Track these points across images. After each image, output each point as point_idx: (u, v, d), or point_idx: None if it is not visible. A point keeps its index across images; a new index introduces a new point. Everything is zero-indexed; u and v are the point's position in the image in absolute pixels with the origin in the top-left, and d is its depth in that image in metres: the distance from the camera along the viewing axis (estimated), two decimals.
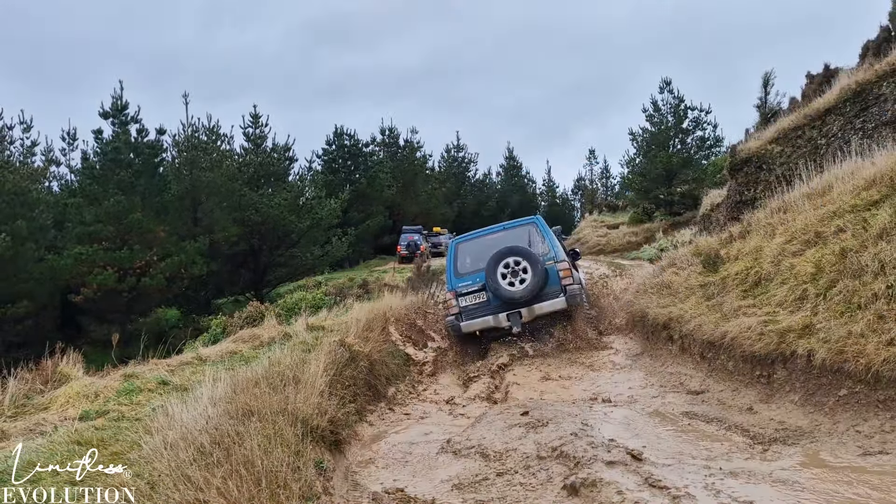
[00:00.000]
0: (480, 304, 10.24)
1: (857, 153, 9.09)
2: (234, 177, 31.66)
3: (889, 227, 6.19)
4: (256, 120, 33.87)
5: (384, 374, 8.25)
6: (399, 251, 38.48)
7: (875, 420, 4.74)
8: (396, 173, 46.86)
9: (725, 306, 7.23)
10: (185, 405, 5.07)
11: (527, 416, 6.06)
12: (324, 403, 5.11)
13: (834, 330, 5.38)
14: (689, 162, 42.12)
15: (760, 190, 14.41)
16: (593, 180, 70.25)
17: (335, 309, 14.24)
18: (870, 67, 13.13)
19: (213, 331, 17.96)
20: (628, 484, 4.10)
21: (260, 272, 33.24)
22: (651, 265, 20.49)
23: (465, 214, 53.47)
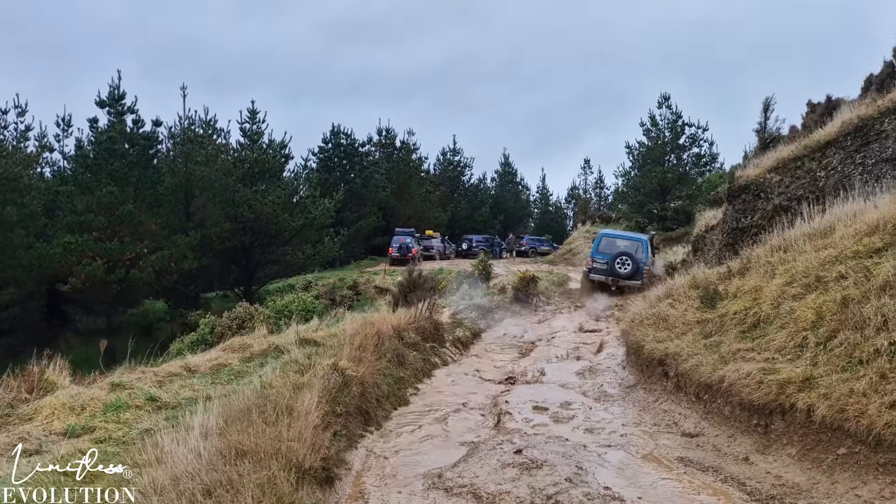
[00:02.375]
0: (602, 269, 19.77)
1: (859, 194, 9.05)
2: (229, 172, 31.50)
3: (892, 279, 6.15)
4: (254, 115, 33.71)
5: (376, 395, 8.16)
6: (391, 253, 38.32)
7: (875, 484, 4.69)
8: (392, 175, 46.77)
9: (723, 347, 7.18)
10: (175, 433, 4.97)
11: (520, 455, 5.98)
12: (318, 440, 5.02)
13: (835, 386, 5.33)
14: (684, 178, 42.27)
15: (757, 218, 14.42)
16: (587, 190, 70.37)
17: (326, 318, 14.13)
18: (872, 103, 13.15)
19: (202, 330, 17.78)
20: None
21: (250, 269, 33.07)
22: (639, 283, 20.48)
23: (459, 219, 53.43)
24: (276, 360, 8.93)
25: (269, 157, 33.60)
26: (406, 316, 11.60)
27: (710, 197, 39.14)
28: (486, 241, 46.69)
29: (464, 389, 9.80)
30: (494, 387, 9.89)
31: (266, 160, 33.28)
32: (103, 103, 27.83)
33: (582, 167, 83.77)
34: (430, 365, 11.20)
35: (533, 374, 10.52)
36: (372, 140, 48.81)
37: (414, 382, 9.97)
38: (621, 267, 19.37)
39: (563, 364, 11.32)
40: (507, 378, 10.46)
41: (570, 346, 13.19)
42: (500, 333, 15.03)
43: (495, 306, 17.04)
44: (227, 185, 31.11)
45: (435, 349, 12.09)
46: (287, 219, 31.77)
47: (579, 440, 6.67)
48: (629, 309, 12.00)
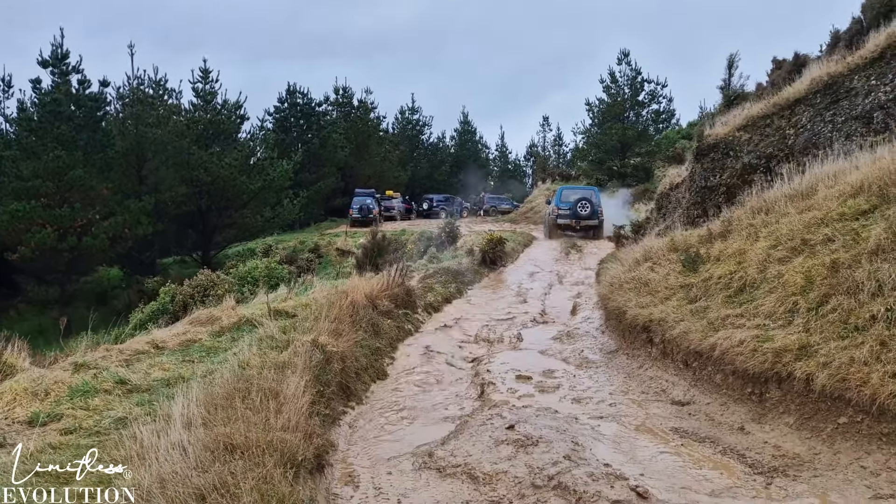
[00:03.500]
0: (567, 214, 24.50)
1: (835, 153, 8.99)
2: (182, 134, 30.54)
3: (885, 243, 6.07)
4: (206, 75, 32.61)
5: (355, 369, 7.91)
6: (351, 214, 37.81)
7: (879, 454, 4.63)
8: (350, 134, 45.97)
9: (711, 313, 7.08)
10: (154, 424, 4.66)
11: (513, 432, 5.81)
12: (310, 429, 4.76)
13: (835, 354, 5.24)
14: (644, 135, 42.43)
15: (726, 176, 14.39)
16: (546, 147, 70.27)
17: (294, 285, 13.76)
18: (841, 60, 13.10)
19: (162, 299, 17.22)
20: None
21: (208, 233, 32.34)
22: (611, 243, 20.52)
23: (419, 178, 52.98)
24: (249, 334, 8.58)
25: (224, 118, 32.63)
26: (378, 283, 11.31)
27: (668, 153, 39.47)
28: (446, 200, 46.39)
29: (442, 358, 9.61)
30: (472, 353, 9.73)
31: (221, 121, 32.32)
32: (46, 63, 26.54)
33: (541, 124, 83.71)
34: (405, 333, 10.98)
35: (510, 340, 10.38)
36: (329, 99, 47.86)
37: (390, 352, 9.74)
38: (582, 209, 24.58)
39: (539, 329, 11.20)
40: (485, 343, 10.31)
41: (542, 307, 13.11)
42: (472, 296, 14.86)
43: (464, 269, 16.83)
44: (181, 147, 30.16)
45: (408, 316, 11.86)
46: (244, 181, 31.02)
47: (570, 412, 6.53)
48: (606, 273, 11.90)
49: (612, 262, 15.34)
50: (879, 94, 11.89)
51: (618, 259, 15.03)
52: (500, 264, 18.68)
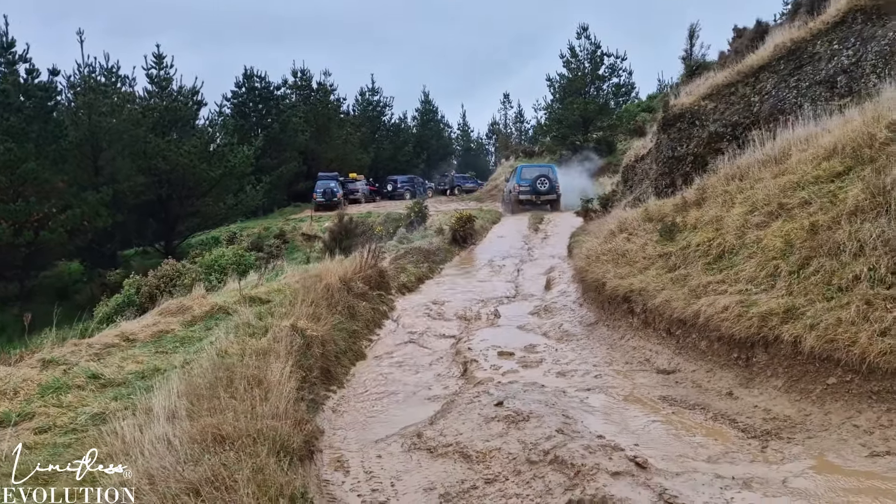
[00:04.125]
0: (527, 190, 25.88)
1: (809, 117, 9.02)
2: (138, 122, 29.72)
3: (863, 203, 6.09)
4: (160, 60, 31.78)
5: (335, 352, 7.76)
6: (315, 199, 37.34)
7: (871, 413, 4.64)
8: (310, 117, 45.31)
9: (692, 281, 7.07)
10: (134, 418, 4.47)
11: (503, 408, 5.73)
12: (299, 415, 4.61)
13: (821, 316, 5.25)
14: (605, 109, 42.55)
15: (693, 146, 14.43)
16: (507, 125, 70.20)
17: (263, 271, 13.51)
18: (804, 25, 13.18)
19: (127, 291, 16.76)
20: (643, 501, 3.84)
21: (169, 223, 31.67)
22: (578, 218, 20.55)
23: (382, 159, 52.50)
24: (223, 322, 8.38)
25: (181, 105, 31.87)
26: (351, 265, 11.14)
27: (630, 126, 39.64)
28: (410, 181, 46.08)
29: (420, 338, 9.50)
30: (451, 331, 9.64)
31: (177, 108, 31.55)
32: None
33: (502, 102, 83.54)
34: (380, 314, 10.84)
35: (487, 317, 10.32)
36: (287, 83, 46.97)
37: (367, 335, 9.61)
38: (541, 185, 26.05)
39: (516, 304, 11.16)
40: (462, 321, 10.23)
41: (515, 282, 13.08)
42: (445, 275, 14.76)
43: (435, 248, 16.71)
44: (137, 136, 29.36)
45: (382, 297, 11.72)
46: (205, 168, 30.38)
47: (556, 385, 6.48)
48: (581, 246, 11.88)
49: (583, 235, 15.38)
50: (842, 58, 11.98)
51: (588, 232, 15.08)
52: (471, 242, 18.61)
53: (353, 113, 54.06)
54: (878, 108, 7.72)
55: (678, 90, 17.01)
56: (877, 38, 11.47)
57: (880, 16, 11.58)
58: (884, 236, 5.58)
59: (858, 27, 11.85)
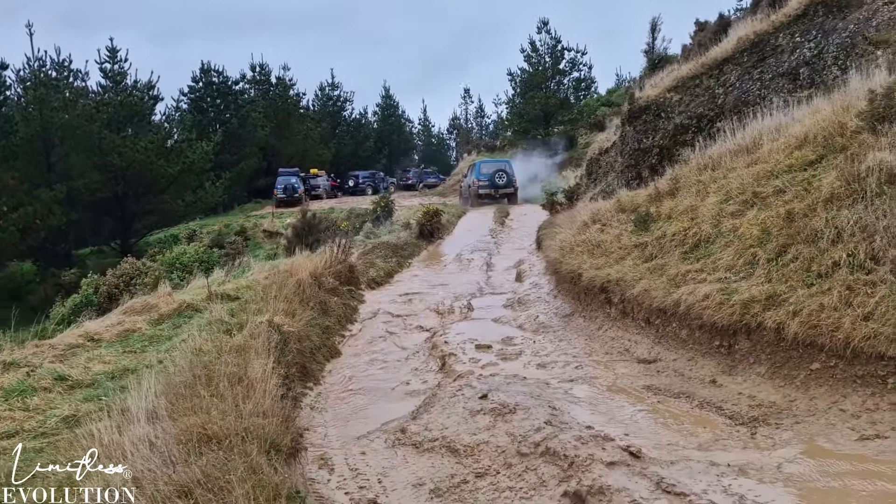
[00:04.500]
0: (486, 185, 26.63)
1: (777, 107, 9.11)
2: (92, 118, 28.89)
3: (839, 190, 6.16)
4: (114, 54, 30.97)
5: (309, 348, 7.61)
6: (276, 195, 36.80)
7: (856, 397, 4.68)
8: (269, 113, 44.64)
9: (670, 270, 7.08)
10: (109, 420, 4.27)
11: (487, 401, 5.65)
12: (285, 413, 4.47)
13: (804, 302, 5.28)
14: (566, 103, 42.75)
15: (659, 138, 14.57)
16: (468, 119, 70.21)
17: (229, 268, 13.22)
18: (766, 18, 13.37)
19: (85, 291, 16.25)
20: (641, 491, 3.80)
21: (126, 221, 30.89)
22: (545, 211, 20.61)
23: (343, 155, 52.06)
24: (193, 320, 8.15)
25: (136, 100, 31.07)
26: (321, 260, 10.96)
27: (590, 121, 39.95)
28: (371, 176, 45.76)
29: (394, 332, 9.39)
30: (424, 325, 9.53)
31: (133, 103, 30.77)
32: None
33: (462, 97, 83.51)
34: (351, 310, 10.69)
35: (461, 310, 10.24)
36: (246, 77, 46.23)
37: (339, 330, 9.45)
38: (499, 180, 26.83)
39: (488, 298, 11.10)
40: (435, 315, 10.13)
41: (486, 276, 13.04)
42: (415, 269, 14.65)
43: (403, 243, 16.58)
44: (91, 131, 28.54)
45: (353, 292, 11.58)
46: (162, 165, 29.70)
47: (538, 377, 6.44)
48: (552, 238, 11.87)
49: (550, 228, 15.39)
50: (804, 50, 12.18)
51: (556, 225, 15.10)
52: (438, 236, 18.52)
53: (314, 108, 53.47)
54: (846, 97, 7.83)
55: (643, 83, 17.16)
56: (838, 30, 11.69)
57: (840, 8, 11.79)
58: (861, 222, 5.64)
59: (820, 20, 12.06)
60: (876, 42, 10.42)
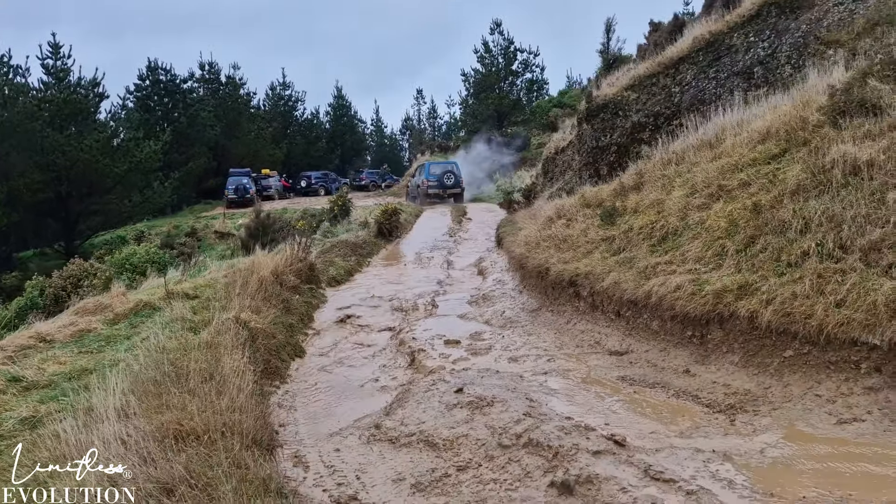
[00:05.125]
0: (435, 185, 27.68)
1: (737, 104, 9.27)
2: (33, 115, 27.91)
3: (804, 182, 6.27)
4: (57, 50, 29.96)
5: (275, 345, 7.42)
6: (227, 196, 36.10)
7: (830, 383, 4.75)
8: (219, 112, 43.81)
9: (639, 263, 7.12)
10: (74, 419, 4.05)
11: (463, 394, 5.58)
12: (261, 409, 4.31)
13: (777, 291, 5.34)
14: (518, 104, 43.01)
15: (616, 136, 14.71)
16: (421, 120, 70.11)
17: (184, 268, 12.86)
18: (721, 18, 13.62)
19: (29, 294, 15.66)
20: (629, 478, 3.77)
21: (70, 222, 29.93)
22: (502, 210, 20.66)
23: (295, 155, 51.40)
24: (151, 319, 7.88)
25: (80, 97, 30.10)
26: (282, 258, 10.72)
27: (543, 122, 40.30)
28: (324, 177, 45.28)
29: (358, 330, 9.23)
30: (389, 323, 9.40)
31: (77, 100, 29.81)
32: None
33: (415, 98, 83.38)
34: (313, 308, 10.49)
35: (425, 307, 10.13)
36: (194, 76, 45.25)
37: (302, 329, 9.24)
38: (447, 180, 28.01)
39: (452, 295, 11.01)
40: (400, 313, 10.00)
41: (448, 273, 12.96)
42: (375, 268, 14.49)
43: (362, 242, 16.39)
44: (33, 129, 27.57)
45: (314, 291, 11.37)
46: (108, 164, 28.86)
47: (511, 371, 6.38)
48: (515, 235, 11.85)
49: (509, 226, 15.41)
50: (758, 49, 12.45)
51: (515, 223, 15.13)
52: (397, 235, 18.38)
53: (265, 108, 52.67)
54: (805, 93, 8.01)
55: (599, 82, 17.29)
56: (791, 30, 11.97)
57: (793, 9, 12.08)
58: (828, 212, 5.74)
59: (773, 20, 12.33)
60: (827, 42, 10.68)
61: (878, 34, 9.13)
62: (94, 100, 31.29)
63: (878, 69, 7.23)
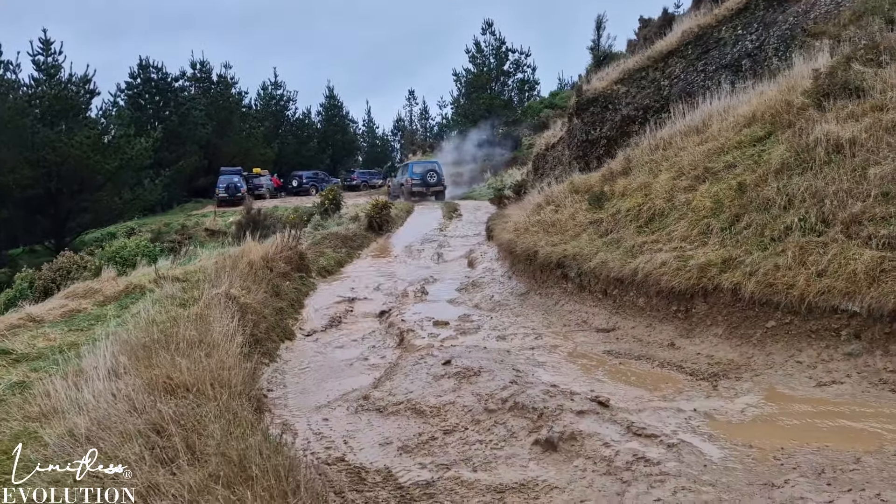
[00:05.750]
0: (419, 183, 28.59)
1: (725, 92, 9.37)
2: (24, 111, 27.79)
3: (789, 160, 6.36)
4: (48, 46, 29.84)
5: (265, 325, 7.46)
6: (218, 194, 35.98)
7: (811, 350, 4.83)
8: (210, 111, 43.68)
9: (626, 242, 7.20)
10: (64, 380, 4.09)
11: (451, 366, 5.64)
12: (247, 369, 4.35)
13: (759, 263, 5.43)
14: (510, 104, 43.12)
15: (606, 129, 14.80)
16: (413, 121, 70.15)
17: (175, 257, 12.88)
18: (709, 12, 13.75)
19: (19, 286, 15.60)
20: (612, 435, 3.84)
21: (60, 219, 29.80)
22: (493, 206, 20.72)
23: (286, 154, 51.31)
24: (141, 300, 7.90)
25: (71, 94, 30.01)
26: (273, 245, 10.77)
27: (534, 122, 40.43)
28: (315, 176, 45.23)
29: (348, 316, 9.27)
30: (378, 309, 9.45)
31: (68, 97, 29.72)
32: None
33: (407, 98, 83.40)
34: (303, 294, 10.52)
35: (415, 294, 10.18)
36: (186, 74, 45.11)
37: (292, 314, 9.27)
38: (430, 178, 29.08)
39: (441, 283, 11.07)
40: (391, 299, 10.05)
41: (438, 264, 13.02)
42: (365, 259, 14.54)
43: (352, 234, 16.43)
44: (23, 125, 27.44)
45: (304, 279, 11.40)
46: (99, 160, 28.76)
47: (499, 347, 6.44)
48: (508, 220, 11.92)
49: (500, 220, 15.46)
50: (746, 42, 12.58)
51: (506, 217, 15.18)
52: (388, 229, 18.42)
53: (256, 107, 52.58)
54: (791, 79, 8.11)
55: (590, 77, 17.41)
56: (778, 23, 12.11)
57: (781, 2, 12.22)
58: (811, 189, 5.84)
59: (761, 13, 12.47)
60: (814, 33, 10.81)
61: (864, 23, 9.26)
62: (85, 96, 31.20)
63: (861, 53, 7.34)
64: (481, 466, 3.93)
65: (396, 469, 4.05)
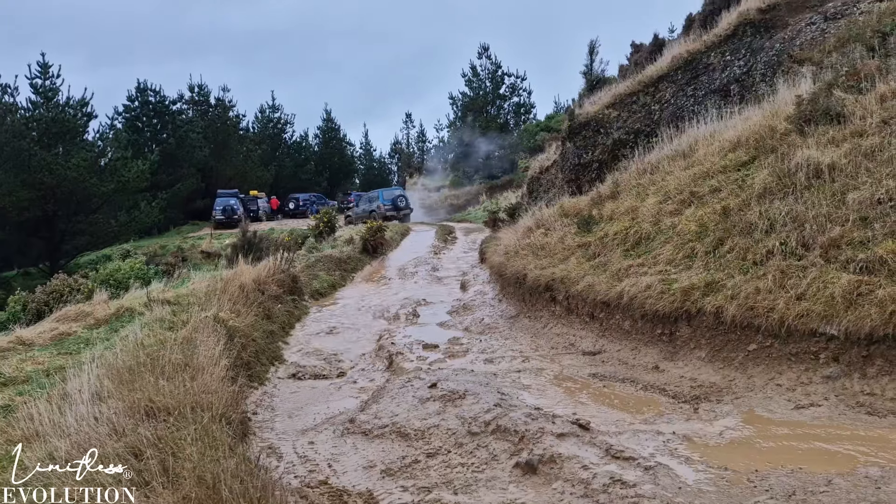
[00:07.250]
0: (390, 208, 31.05)
1: (713, 118, 9.51)
2: (21, 134, 27.87)
3: (771, 185, 6.45)
4: (46, 69, 30.03)
5: (254, 349, 7.49)
6: (214, 216, 36.06)
7: (791, 373, 4.88)
8: (208, 133, 43.87)
9: (612, 266, 7.27)
10: (48, 404, 4.12)
11: (437, 389, 5.67)
12: (231, 394, 4.39)
13: (741, 287, 5.50)
14: (505, 127, 43.41)
15: (598, 153, 14.95)
16: (409, 144, 70.48)
17: (167, 280, 12.92)
18: (698, 38, 13.96)
19: (12, 308, 15.61)
20: (591, 457, 3.87)
21: (56, 241, 29.79)
22: (488, 229, 20.83)
23: (283, 177, 51.47)
24: (130, 323, 7.93)
25: (69, 117, 30.15)
26: (265, 268, 10.82)
27: (530, 145, 40.69)
28: (312, 199, 45.31)
29: (338, 339, 9.31)
30: (370, 332, 9.48)
31: (65, 119, 29.84)
32: None
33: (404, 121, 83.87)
34: (294, 318, 10.56)
35: (406, 317, 10.23)
36: (183, 97, 45.38)
37: (283, 336, 9.32)
38: (400, 203, 32.23)
39: (433, 306, 11.11)
40: (381, 321, 10.09)
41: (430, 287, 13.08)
42: (359, 282, 14.58)
43: (347, 257, 16.49)
44: (20, 148, 27.53)
45: (296, 301, 11.44)
46: (95, 183, 28.82)
47: (486, 370, 6.48)
48: (500, 242, 11.99)
49: (493, 242, 15.54)
50: (734, 68, 12.76)
51: (499, 239, 15.26)
52: (382, 252, 18.47)
53: (254, 130, 52.85)
54: (775, 105, 8.25)
55: (582, 101, 17.60)
56: (765, 49, 12.29)
57: (768, 28, 12.42)
58: (792, 213, 5.92)
59: (748, 39, 12.66)
60: (800, 59, 10.97)
61: (847, 50, 9.41)
62: (83, 119, 31.34)
63: (842, 80, 7.47)
64: (462, 489, 3.96)
65: (378, 492, 4.08)
